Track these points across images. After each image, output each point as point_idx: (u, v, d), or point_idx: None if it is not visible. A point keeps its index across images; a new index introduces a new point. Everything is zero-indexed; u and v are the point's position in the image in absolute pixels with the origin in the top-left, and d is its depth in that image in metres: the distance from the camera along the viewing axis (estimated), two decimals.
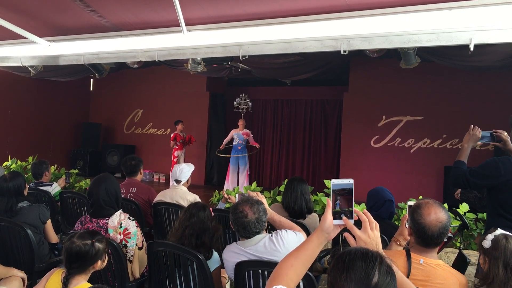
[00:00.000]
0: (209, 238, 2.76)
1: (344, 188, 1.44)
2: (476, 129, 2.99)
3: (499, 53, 5.05)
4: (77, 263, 2.27)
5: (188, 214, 2.80)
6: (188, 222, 2.77)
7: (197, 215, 2.78)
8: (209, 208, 2.91)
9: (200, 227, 2.75)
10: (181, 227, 2.78)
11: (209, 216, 2.85)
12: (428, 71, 7.78)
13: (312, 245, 1.45)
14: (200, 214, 2.79)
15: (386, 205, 3.32)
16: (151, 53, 5.04)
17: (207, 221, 2.79)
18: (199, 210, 2.82)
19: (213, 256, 2.79)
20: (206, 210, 2.85)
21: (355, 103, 9.08)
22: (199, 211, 2.81)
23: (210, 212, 2.90)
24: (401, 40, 3.79)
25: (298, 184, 3.67)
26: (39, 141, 10.39)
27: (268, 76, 8.94)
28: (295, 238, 2.50)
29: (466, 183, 2.89)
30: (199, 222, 2.76)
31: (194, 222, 2.76)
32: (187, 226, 2.76)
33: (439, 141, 8.36)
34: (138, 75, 10.85)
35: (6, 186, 3.49)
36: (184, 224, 2.78)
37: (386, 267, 1.16)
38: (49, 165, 5.07)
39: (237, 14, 4.41)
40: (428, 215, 2.02)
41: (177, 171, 4.25)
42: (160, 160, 10.70)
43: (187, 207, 2.93)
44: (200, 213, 2.80)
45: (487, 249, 2.05)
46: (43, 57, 5.88)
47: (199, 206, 2.87)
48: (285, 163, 10.94)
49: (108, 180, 3.15)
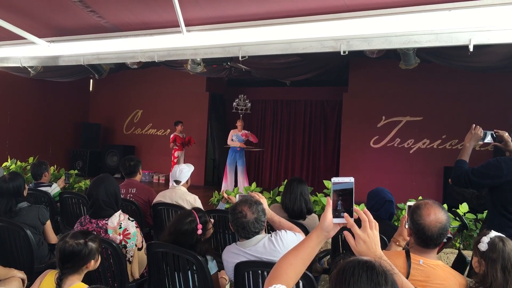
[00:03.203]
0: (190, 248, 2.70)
1: (345, 187, 1.44)
2: (478, 129, 2.99)
3: (498, 54, 5.06)
4: (70, 263, 2.27)
5: (173, 222, 2.76)
6: (171, 230, 2.73)
7: (181, 224, 2.72)
8: (196, 221, 2.76)
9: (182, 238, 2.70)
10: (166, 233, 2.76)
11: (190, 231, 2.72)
12: (427, 72, 7.79)
13: (312, 243, 1.44)
14: (182, 227, 2.70)
15: (386, 206, 3.32)
16: (151, 53, 5.04)
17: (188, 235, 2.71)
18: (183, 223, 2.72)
19: (209, 263, 2.72)
20: (192, 224, 2.73)
21: (355, 103, 9.08)
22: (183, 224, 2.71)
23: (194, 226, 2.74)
24: (401, 40, 3.79)
25: (298, 185, 3.66)
26: (38, 142, 10.40)
27: (268, 76, 8.95)
28: (294, 238, 2.50)
29: (468, 182, 2.89)
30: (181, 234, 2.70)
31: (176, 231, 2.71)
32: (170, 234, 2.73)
33: (438, 142, 8.37)
34: (137, 76, 10.85)
35: (6, 187, 3.49)
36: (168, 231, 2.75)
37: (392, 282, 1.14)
38: (48, 166, 5.06)
39: (237, 15, 4.41)
40: (427, 215, 2.01)
41: (176, 171, 4.25)
42: (160, 160, 10.71)
43: (177, 216, 2.88)
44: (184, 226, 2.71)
45: (484, 252, 2.04)
46: (43, 57, 5.89)
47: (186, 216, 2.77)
48: (285, 163, 10.94)
49: (107, 181, 3.15)
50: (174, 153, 9.40)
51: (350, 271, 1.15)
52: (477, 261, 2.08)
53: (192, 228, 2.73)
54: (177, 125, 9.47)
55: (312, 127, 10.71)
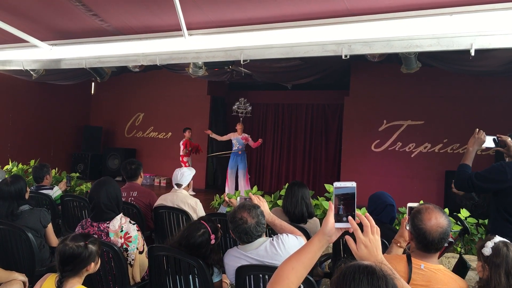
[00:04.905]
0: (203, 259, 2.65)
1: (347, 191, 1.43)
2: (481, 133, 2.99)
3: (500, 58, 5.06)
4: (70, 266, 2.26)
5: (185, 233, 2.69)
6: (183, 242, 2.67)
7: (194, 237, 2.65)
8: (208, 233, 2.70)
9: (194, 250, 2.64)
10: (176, 243, 2.70)
11: (204, 243, 2.67)
12: (429, 76, 7.79)
13: (314, 248, 1.44)
14: (196, 240, 2.64)
15: (387, 210, 3.32)
16: (153, 57, 5.06)
17: (200, 248, 2.65)
18: (196, 234, 2.66)
19: (213, 272, 2.69)
20: (204, 236, 2.67)
21: (356, 107, 9.08)
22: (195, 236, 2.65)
23: (207, 237, 2.69)
24: (402, 44, 3.80)
25: (299, 189, 3.66)
26: (40, 145, 10.41)
27: (269, 80, 8.95)
28: (296, 242, 2.50)
29: (471, 186, 2.89)
30: (193, 247, 2.64)
31: (187, 245, 2.65)
32: (180, 245, 2.67)
33: (440, 146, 8.35)
34: (139, 79, 10.87)
35: (8, 190, 3.49)
36: (178, 242, 2.70)
37: (392, 286, 1.14)
38: (50, 169, 5.07)
39: (238, 19, 4.42)
40: (428, 220, 2.01)
41: (178, 174, 4.25)
42: (161, 163, 10.71)
43: (187, 225, 2.83)
44: (196, 238, 2.65)
45: (488, 256, 2.04)
46: (45, 60, 5.91)
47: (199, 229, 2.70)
48: (286, 167, 10.92)
49: (108, 184, 3.15)
50: (183, 158, 9.37)
51: (350, 276, 1.16)
52: (480, 266, 2.08)
53: (206, 239, 2.68)
54: (185, 132, 9.44)
55: (313, 130, 10.70)
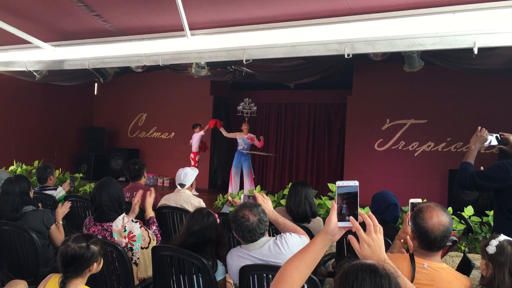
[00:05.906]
0: (212, 249, 2.69)
1: (349, 190, 1.43)
2: (483, 131, 2.98)
3: (503, 56, 5.04)
4: (73, 267, 2.26)
5: (193, 222, 2.73)
6: (191, 230, 2.70)
7: (200, 223, 2.71)
8: (213, 216, 2.81)
9: (203, 237, 2.68)
10: (183, 235, 2.73)
11: (213, 224, 2.75)
12: (432, 74, 7.77)
13: (317, 247, 1.44)
14: (204, 222, 2.71)
15: (390, 209, 3.32)
16: (155, 57, 5.07)
17: (210, 230, 2.71)
18: (202, 218, 2.73)
19: (218, 269, 2.71)
20: (210, 218, 2.76)
21: (359, 106, 9.07)
22: (202, 219, 2.72)
23: (215, 219, 2.80)
24: (405, 43, 3.79)
25: (302, 188, 3.66)
26: (43, 145, 10.45)
27: (272, 79, 8.95)
28: (299, 241, 2.50)
29: (473, 185, 2.88)
30: (202, 230, 2.69)
31: (197, 231, 2.68)
32: (190, 235, 2.70)
33: (443, 145, 8.33)
34: (142, 79, 10.88)
35: (12, 187, 3.50)
36: (186, 233, 2.72)
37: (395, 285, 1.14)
38: (53, 169, 5.08)
39: (241, 18, 4.42)
40: (430, 218, 2.01)
41: (181, 174, 4.24)
42: (164, 164, 10.73)
43: (191, 214, 2.87)
44: (204, 220, 2.72)
45: (492, 255, 2.04)
46: (48, 61, 5.93)
47: (203, 213, 2.78)
48: (289, 166, 10.92)
49: (110, 185, 3.14)
50: (195, 157, 9.35)
51: (353, 275, 1.16)
52: (484, 264, 2.08)
53: (214, 220, 2.76)
54: (196, 128, 9.45)
55: (316, 130, 10.70)
